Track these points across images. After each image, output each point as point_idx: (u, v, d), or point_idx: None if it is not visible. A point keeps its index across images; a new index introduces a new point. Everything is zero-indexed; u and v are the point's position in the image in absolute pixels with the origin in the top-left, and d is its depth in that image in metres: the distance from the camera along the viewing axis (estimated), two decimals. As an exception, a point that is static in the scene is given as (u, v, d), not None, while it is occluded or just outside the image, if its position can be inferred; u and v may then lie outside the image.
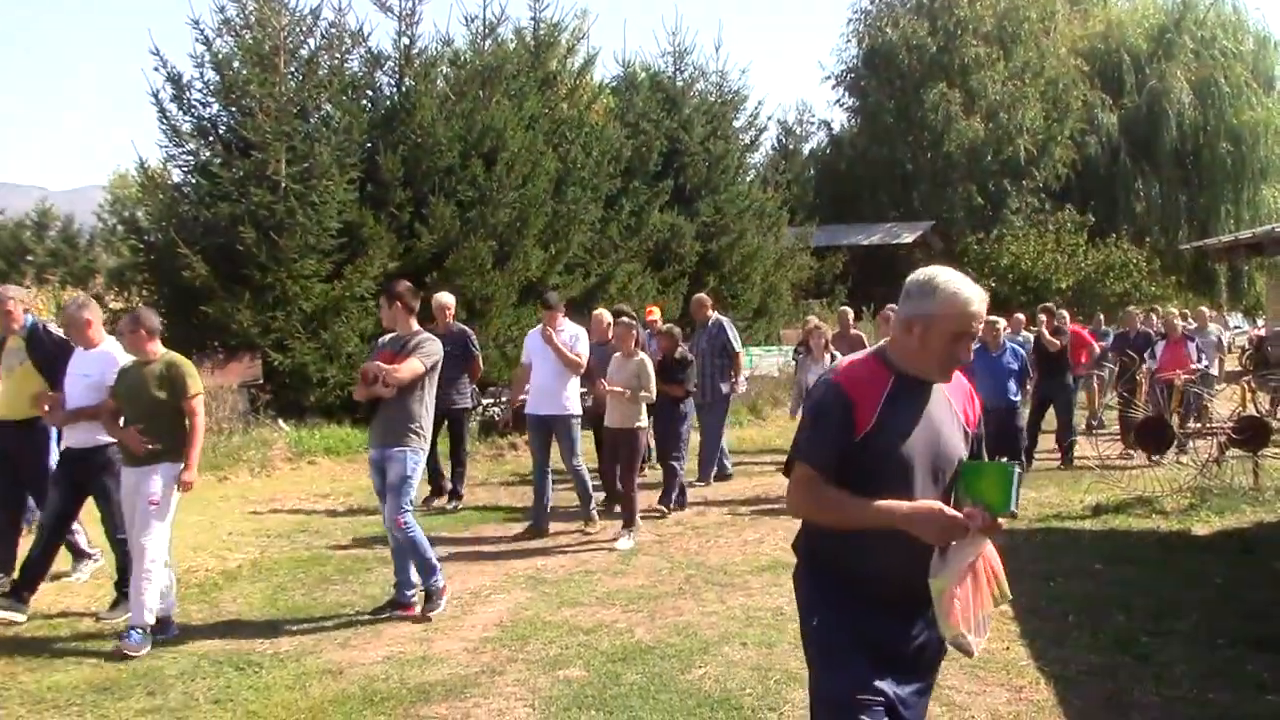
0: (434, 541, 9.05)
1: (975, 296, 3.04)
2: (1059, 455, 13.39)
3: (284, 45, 14.81)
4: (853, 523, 2.97)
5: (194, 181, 14.99)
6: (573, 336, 9.42)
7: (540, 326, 9.52)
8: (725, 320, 12.41)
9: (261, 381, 13.98)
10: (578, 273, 18.40)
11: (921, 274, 3.10)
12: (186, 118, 14.82)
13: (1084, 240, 32.97)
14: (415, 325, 7.08)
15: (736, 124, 26.01)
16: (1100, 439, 13.43)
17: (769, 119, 34.90)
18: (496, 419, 13.46)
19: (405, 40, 16.73)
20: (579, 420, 9.54)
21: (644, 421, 9.30)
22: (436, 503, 10.80)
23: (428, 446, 7.08)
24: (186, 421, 6.46)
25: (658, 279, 20.67)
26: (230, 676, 5.75)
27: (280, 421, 13.60)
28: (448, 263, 15.50)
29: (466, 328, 11.24)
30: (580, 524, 9.61)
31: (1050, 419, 13.55)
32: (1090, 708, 5.21)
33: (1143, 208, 36.93)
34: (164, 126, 14.57)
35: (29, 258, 34.86)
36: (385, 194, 15.47)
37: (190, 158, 14.97)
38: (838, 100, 39.85)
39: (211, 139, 14.90)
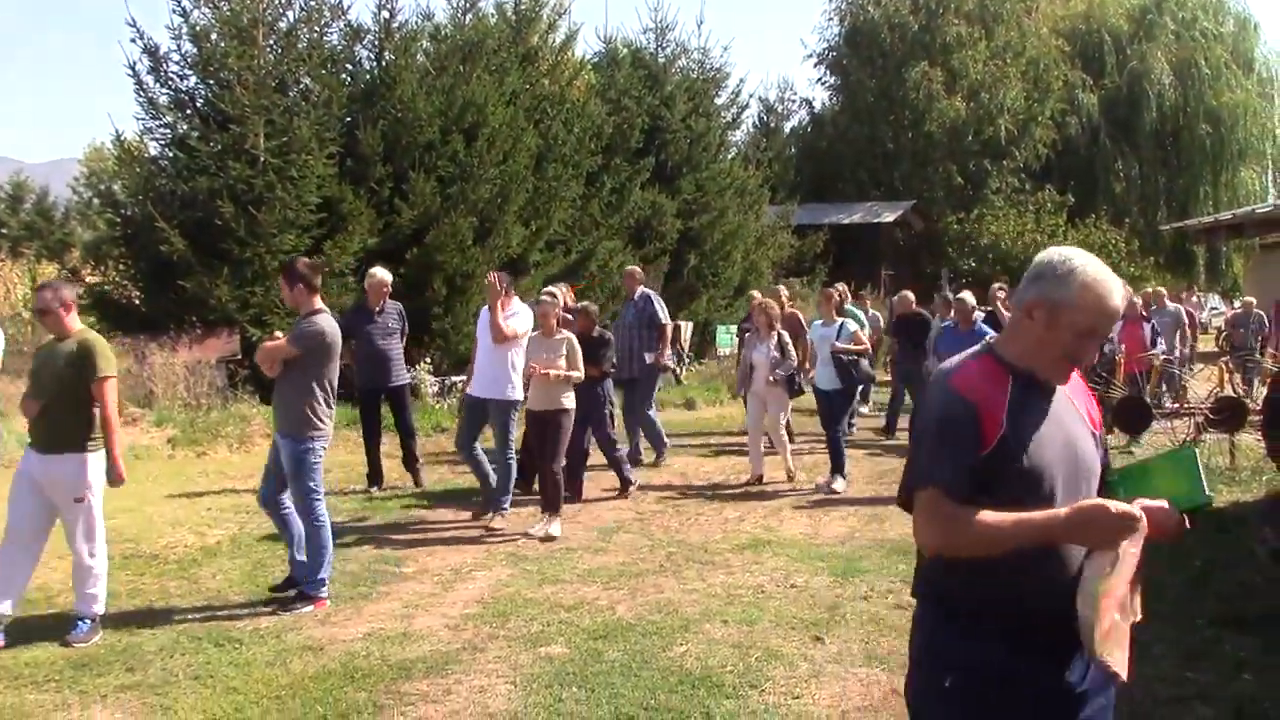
0: (413, 523, 9.08)
1: (1117, 290, 2.62)
2: None
3: (262, 18, 14.66)
4: (1004, 544, 2.50)
5: (171, 155, 14.83)
6: (513, 314, 8.85)
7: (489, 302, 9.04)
8: (652, 293, 12.26)
9: (240, 357, 13.89)
10: (558, 250, 18.35)
11: (1057, 254, 2.67)
12: (163, 90, 14.64)
13: (1063, 220, 33.10)
14: (317, 304, 6.68)
15: (718, 101, 25.91)
16: None
17: (750, 97, 34.98)
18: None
19: (385, 14, 16.57)
20: (517, 407, 8.96)
21: (571, 403, 8.72)
22: (375, 490, 10.32)
23: (324, 433, 6.61)
24: (96, 409, 5.92)
25: (639, 256, 20.61)
26: (210, 653, 5.73)
27: (259, 397, 13.52)
28: (428, 239, 15.43)
29: (400, 305, 10.84)
30: (480, 516, 9.03)
31: None
32: (1069, 685, 5.23)
33: (1122, 188, 37.06)
34: (140, 99, 14.39)
35: (3, 230, 34.53)
36: (365, 169, 15.36)
37: (167, 131, 14.79)
38: (819, 79, 39.72)
39: (189, 112, 14.74)
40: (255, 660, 5.62)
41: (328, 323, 6.64)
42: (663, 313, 12.01)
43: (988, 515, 2.49)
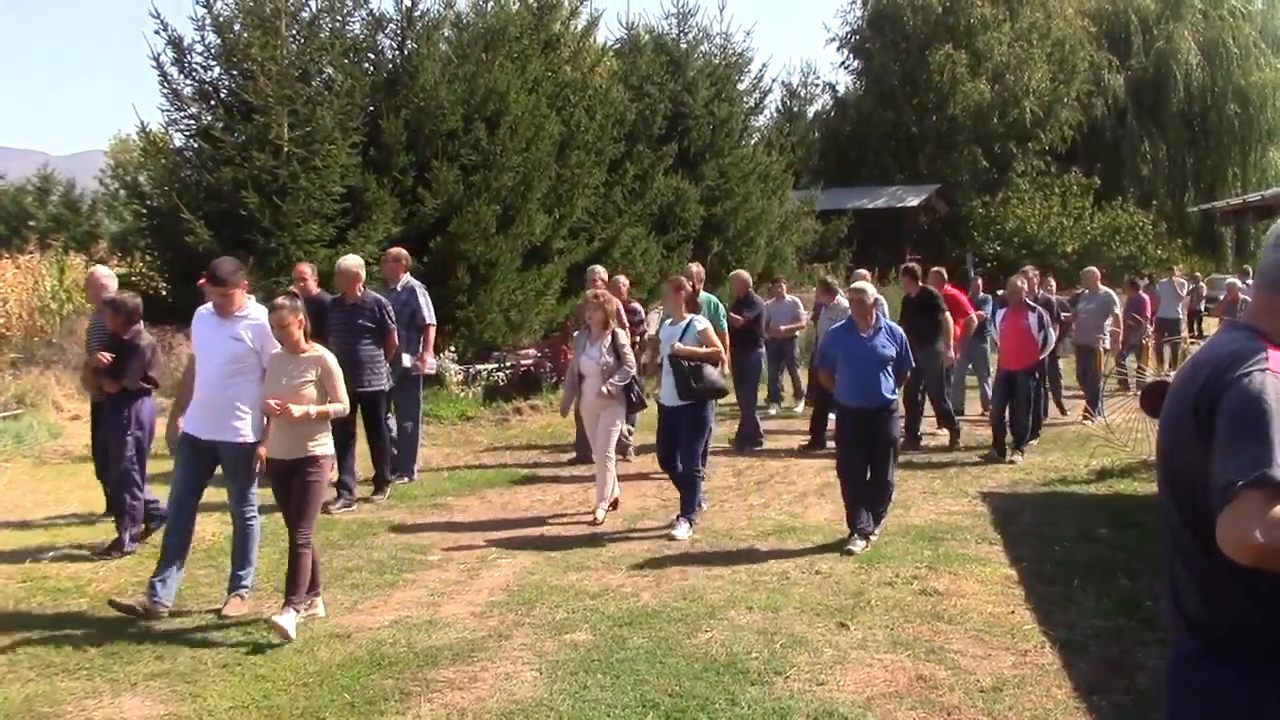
0: (439, 511, 9.09)
1: None
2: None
3: (285, 8, 14.68)
4: None
5: (196, 146, 14.89)
6: (255, 326, 6.38)
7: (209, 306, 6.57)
8: (417, 285, 10.28)
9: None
10: (581, 237, 18.37)
11: None
12: (187, 81, 14.70)
13: (1090, 203, 32.90)
14: None
15: (741, 87, 25.91)
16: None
17: (773, 81, 34.86)
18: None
19: (407, 2, 16.57)
20: (255, 450, 6.33)
21: (326, 449, 6.18)
22: (334, 508, 8.73)
23: None
24: None
25: (662, 243, 20.63)
26: (238, 640, 5.78)
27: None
28: (451, 227, 15.46)
29: (381, 297, 9.53)
30: (219, 602, 6.47)
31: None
32: (1095, 671, 5.22)
33: (1149, 170, 36.81)
34: (165, 90, 14.46)
35: (31, 223, 34.81)
36: (388, 158, 15.40)
37: (192, 122, 14.86)
38: (843, 62, 39.58)
39: (213, 103, 14.80)
40: (283, 648, 5.67)
41: None
42: (427, 310, 10.12)
43: None
